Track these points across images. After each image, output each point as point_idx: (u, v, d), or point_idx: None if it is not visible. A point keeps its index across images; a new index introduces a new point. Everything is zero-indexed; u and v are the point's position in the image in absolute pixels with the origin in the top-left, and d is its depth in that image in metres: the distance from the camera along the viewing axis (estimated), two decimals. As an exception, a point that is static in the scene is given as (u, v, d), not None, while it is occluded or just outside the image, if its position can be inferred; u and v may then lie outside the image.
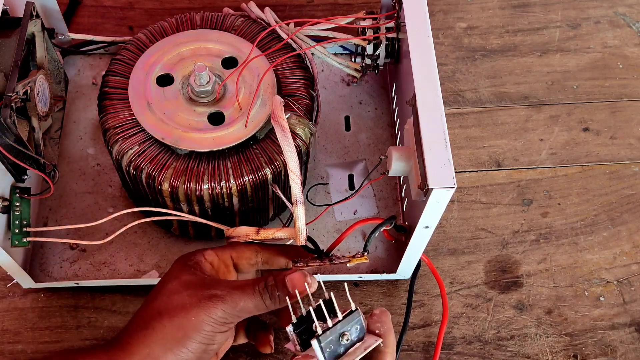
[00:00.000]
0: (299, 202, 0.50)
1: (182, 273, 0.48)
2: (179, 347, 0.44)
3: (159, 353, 0.44)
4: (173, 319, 0.45)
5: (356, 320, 0.43)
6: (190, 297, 0.45)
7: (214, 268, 0.50)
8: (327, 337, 0.42)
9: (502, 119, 0.74)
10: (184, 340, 0.44)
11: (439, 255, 0.65)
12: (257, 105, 0.55)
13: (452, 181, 0.46)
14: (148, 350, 0.44)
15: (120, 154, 0.53)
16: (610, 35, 0.80)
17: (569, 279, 0.64)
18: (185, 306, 0.45)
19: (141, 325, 0.45)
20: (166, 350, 0.44)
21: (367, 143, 0.68)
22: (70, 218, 0.63)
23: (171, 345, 0.44)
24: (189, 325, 0.44)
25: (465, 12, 0.82)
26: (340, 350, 0.43)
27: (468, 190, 0.69)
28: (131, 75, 0.56)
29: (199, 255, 0.50)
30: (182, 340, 0.44)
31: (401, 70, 0.62)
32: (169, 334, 0.44)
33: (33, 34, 0.58)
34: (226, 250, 0.52)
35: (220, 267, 0.51)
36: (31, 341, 0.59)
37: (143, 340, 0.45)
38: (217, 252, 0.51)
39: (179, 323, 0.44)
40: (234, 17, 0.61)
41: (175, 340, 0.44)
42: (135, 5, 0.80)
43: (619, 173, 0.71)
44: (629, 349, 0.61)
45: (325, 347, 0.42)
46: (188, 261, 0.50)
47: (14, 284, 0.61)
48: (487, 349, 0.60)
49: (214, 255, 0.51)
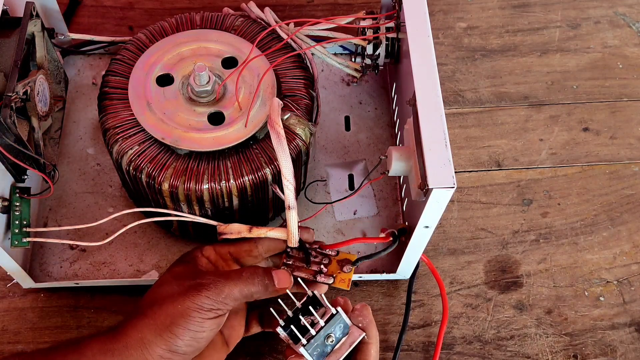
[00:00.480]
0: (292, 207, 0.51)
1: (176, 266, 0.52)
2: (167, 333, 0.47)
3: (150, 338, 0.47)
4: (162, 307, 0.47)
5: (339, 321, 0.48)
6: (178, 287, 0.48)
7: (212, 262, 0.52)
8: (312, 344, 0.46)
9: (502, 119, 0.74)
10: (172, 327, 0.47)
11: (438, 255, 0.65)
12: (257, 105, 0.55)
13: (452, 181, 0.46)
14: (140, 335, 0.47)
15: (120, 154, 0.53)
16: (610, 35, 0.80)
17: (569, 279, 0.64)
18: (173, 295, 0.48)
19: (136, 313, 0.49)
20: (156, 336, 0.47)
21: (367, 143, 0.68)
22: (70, 218, 0.63)
23: (160, 331, 0.47)
24: (176, 313, 0.47)
25: (465, 12, 0.82)
26: (328, 350, 0.47)
27: (468, 190, 0.69)
28: (131, 75, 0.56)
29: (196, 251, 0.53)
30: (170, 326, 0.47)
31: (401, 70, 0.62)
32: (159, 320, 0.47)
33: (33, 34, 0.58)
34: (224, 245, 0.54)
35: (218, 262, 0.53)
36: (31, 341, 0.59)
37: (136, 325, 0.48)
38: (215, 247, 0.53)
39: (168, 311, 0.47)
40: (234, 17, 0.61)
41: (165, 326, 0.47)
42: (135, 5, 0.80)
43: (619, 173, 0.71)
44: (629, 349, 0.61)
45: (312, 351, 0.46)
46: (185, 257, 0.53)
47: (14, 284, 0.61)
48: (487, 349, 0.60)
49: (212, 250, 0.53)
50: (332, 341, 0.47)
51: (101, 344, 0.47)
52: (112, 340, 0.47)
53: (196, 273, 0.50)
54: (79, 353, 0.47)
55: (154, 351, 0.46)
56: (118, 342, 0.47)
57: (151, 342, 0.46)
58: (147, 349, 0.46)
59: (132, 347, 0.47)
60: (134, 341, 0.47)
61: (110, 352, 0.47)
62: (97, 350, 0.47)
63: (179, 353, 0.47)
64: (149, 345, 0.46)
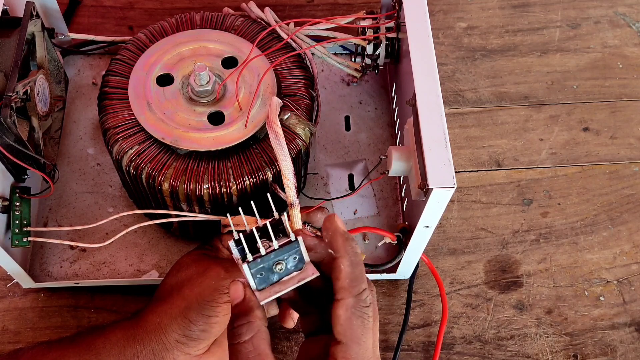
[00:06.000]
0: (294, 205, 0.50)
1: (196, 251, 0.53)
2: (181, 317, 0.47)
3: (166, 322, 0.47)
4: (180, 291, 0.48)
5: (294, 251, 0.41)
6: (197, 268, 0.49)
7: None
8: (257, 264, 0.40)
9: (502, 118, 0.74)
10: (187, 312, 0.47)
11: (439, 255, 0.65)
12: (257, 105, 0.55)
13: (452, 181, 0.46)
14: (158, 320, 0.48)
15: (120, 153, 0.53)
16: (610, 35, 0.80)
17: (569, 279, 0.64)
18: (192, 278, 0.49)
19: (156, 298, 0.50)
20: (172, 320, 0.47)
21: (367, 143, 0.68)
22: (70, 218, 0.63)
23: (176, 314, 0.47)
24: (192, 295, 0.47)
25: (465, 12, 0.82)
26: (274, 278, 0.41)
27: (468, 190, 0.69)
28: (131, 75, 0.56)
29: (216, 240, 0.54)
30: (185, 310, 0.47)
31: (401, 70, 0.62)
32: (175, 304, 0.48)
33: (33, 34, 0.58)
34: None
35: None
36: (31, 341, 0.59)
37: (155, 310, 0.49)
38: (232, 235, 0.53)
39: (184, 294, 0.48)
40: (234, 17, 0.61)
41: (179, 310, 0.47)
42: (135, 5, 0.80)
43: (619, 173, 0.71)
44: (629, 349, 0.61)
45: (256, 273, 0.41)
46: (205, 244, 0.54)
47: (14, 284, 0.61)
48: (487, 348, 0.60)
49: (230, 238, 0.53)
50: (280, 269, 0.41)
51: (124, 330, 0.49)
52: (134, 326, 0.49)
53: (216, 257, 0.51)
54: (104, 338, 0.49)
55: (170, 336, 0.47)
56: (139, 327, 0.48)
57: (167, 327, 0.47)
58: (164, 334, 0.47)
59: (152, 332, 0.48)
60: (153, 326, 0.48)
61: (132, 337, 0.48)
62: (121, 336, 0.48)
63: (193, 338, 0.47)
64: (166, 330, 0.47)
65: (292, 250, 0.41)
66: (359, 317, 0.39)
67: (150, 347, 0.48)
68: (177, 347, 0.47)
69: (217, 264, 0.50)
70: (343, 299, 0.39)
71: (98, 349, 0.48)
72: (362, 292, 0.39)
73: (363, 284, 0.40)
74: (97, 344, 0.49)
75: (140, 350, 0.48)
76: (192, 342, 0.47)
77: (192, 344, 0.48)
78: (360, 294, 0.39)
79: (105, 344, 0.48)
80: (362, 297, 0.39)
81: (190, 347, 0.48)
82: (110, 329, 0.49)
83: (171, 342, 0.47)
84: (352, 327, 0.38)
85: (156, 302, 0.50)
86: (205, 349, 0.49)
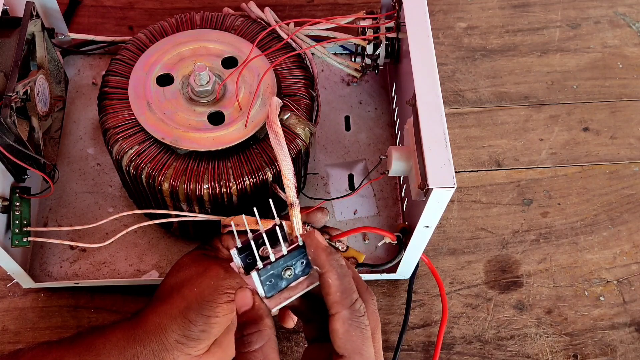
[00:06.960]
0: (295, 205, 0.50)
1: (196, 251, 0.52)
2: (181, 317, 0.47)
3: (166, 323, 0.47)
4: (180, 291, 0.48)
5: (302, 255, 0.41)
6: (196, 268, 0.49)
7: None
8: (267, 270, 0.40)
9: (502, 118, 0.74)
10: (187, 312, 0.47)
11: (438, 255, 0.65)
12: (257, 105, 0.55)
13: (452, 181, 0.46)
14: (158, 320, 0.48)
15: (120, 153, 0.53)
16: (610, 35, 0.80)
17: (569, 279, 0.64)
18: (191, 278, 0.48)
19: (156, 298, 0.50)
20: (171, 320, 0.47)
21: (367, 143, 0.68)
22: (70, 218, 0.63)
23: (175, 314, 0.47)
24: (192, 295, 0.47)
25: (465, 12, 0.82)
26: (282, 285, 0.41)
27: (468, 190, 0.69)
28: (131, 75, 0.56)
29: (216, 240, 0.53)
30: (185, 311, 0.47)
31: (401, 70, 0.62)
32: (175, 304, 0.48)
33: (33, 34, 0.58)
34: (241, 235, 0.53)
35: None
36: (31, 341, 0.59)
37: (155, 311, 0.48)
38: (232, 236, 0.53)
39: (184, 294, 0.48)
40: (233, 17, 0.61)
41: (179, 310, 0.47)
42: (135, 5, 0.80)
43: (619, 173, 0.71)
44: (629, 349, 0.61)
45: (265, 280, 0.40)
46: (204, 244, 0.54)
47: (14, 284, 0.61)
48: (487, 348, 0.60)
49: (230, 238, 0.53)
50: (289, 275, 0.41)
51: (124, 331, 0.49)
52: (134, 327, 0.48)
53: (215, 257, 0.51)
54: (104, 338, 0.49)
55: (170, 337, 0.47)
56: (139, 328, 0.48)
57: (167, 328, 0.47)
58: (164, 334, 0.47)
59: (152, 332, 0.48)
60: (153, 326, 0.48)
61: (132, 338, 0.48)
62: (121, 336, 0.48)
63: (193, 339, 0.47)
64: (166, 330, 0.47)
65: (299, 255, 0.41)
66: (357, 328, 0.39)
67: (150, 348, 0.48)
68: (177, 348, 0.47)
69: (217, 264, 0.50)
70: (338, 312, 0.39)
71: (98, 349, 0.48)
72: (354, 302, 0.39)
73: (354, 294, 0.39)
74: (97, 345, 0.49)
75: (140, 351, 0.48)
76: (192, 342, 0.47)
77: (192, 344, 0.48)
78: (353, 304, 0.39)
79: (105, 344, 0.48)
80: (355, 307, 0.39)
81: (190, 348, 0.48)
82: (110, 330, 0.49)
83: (171, 343, 0.47)
84: (351, 339, 0.38)
85: (156, 303, 0.50)
86: (205, 350, 0.49)
